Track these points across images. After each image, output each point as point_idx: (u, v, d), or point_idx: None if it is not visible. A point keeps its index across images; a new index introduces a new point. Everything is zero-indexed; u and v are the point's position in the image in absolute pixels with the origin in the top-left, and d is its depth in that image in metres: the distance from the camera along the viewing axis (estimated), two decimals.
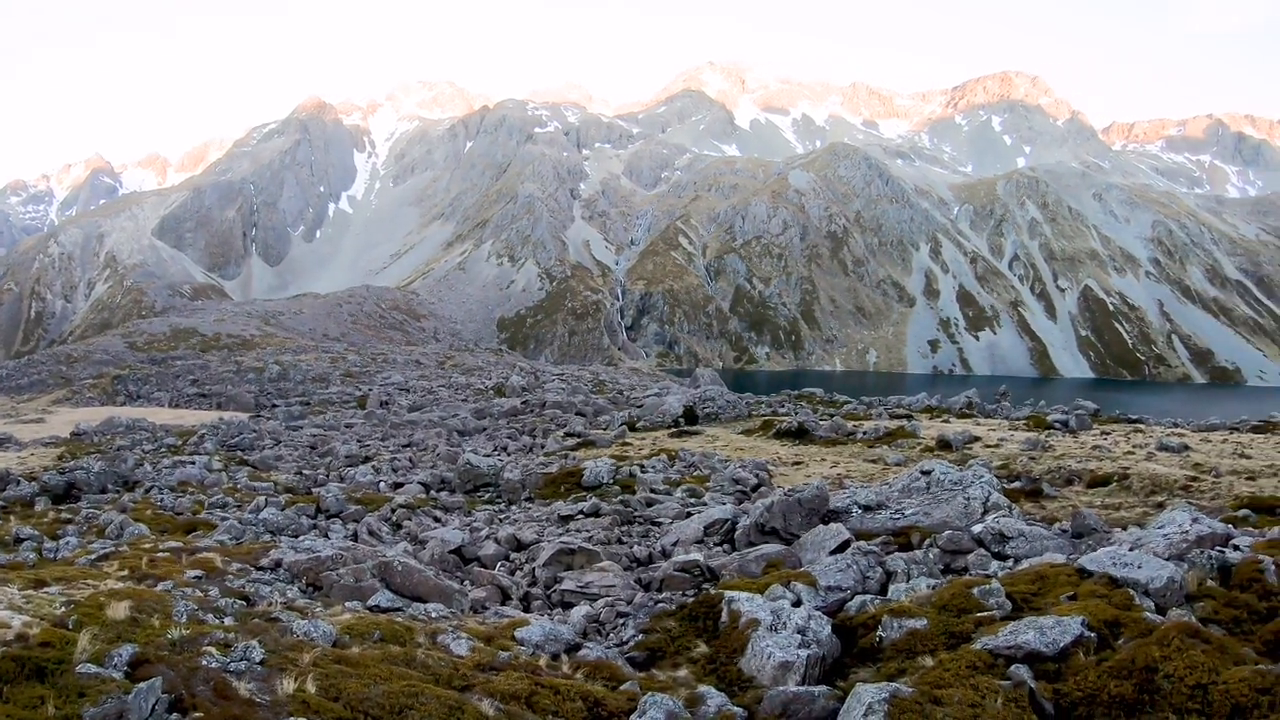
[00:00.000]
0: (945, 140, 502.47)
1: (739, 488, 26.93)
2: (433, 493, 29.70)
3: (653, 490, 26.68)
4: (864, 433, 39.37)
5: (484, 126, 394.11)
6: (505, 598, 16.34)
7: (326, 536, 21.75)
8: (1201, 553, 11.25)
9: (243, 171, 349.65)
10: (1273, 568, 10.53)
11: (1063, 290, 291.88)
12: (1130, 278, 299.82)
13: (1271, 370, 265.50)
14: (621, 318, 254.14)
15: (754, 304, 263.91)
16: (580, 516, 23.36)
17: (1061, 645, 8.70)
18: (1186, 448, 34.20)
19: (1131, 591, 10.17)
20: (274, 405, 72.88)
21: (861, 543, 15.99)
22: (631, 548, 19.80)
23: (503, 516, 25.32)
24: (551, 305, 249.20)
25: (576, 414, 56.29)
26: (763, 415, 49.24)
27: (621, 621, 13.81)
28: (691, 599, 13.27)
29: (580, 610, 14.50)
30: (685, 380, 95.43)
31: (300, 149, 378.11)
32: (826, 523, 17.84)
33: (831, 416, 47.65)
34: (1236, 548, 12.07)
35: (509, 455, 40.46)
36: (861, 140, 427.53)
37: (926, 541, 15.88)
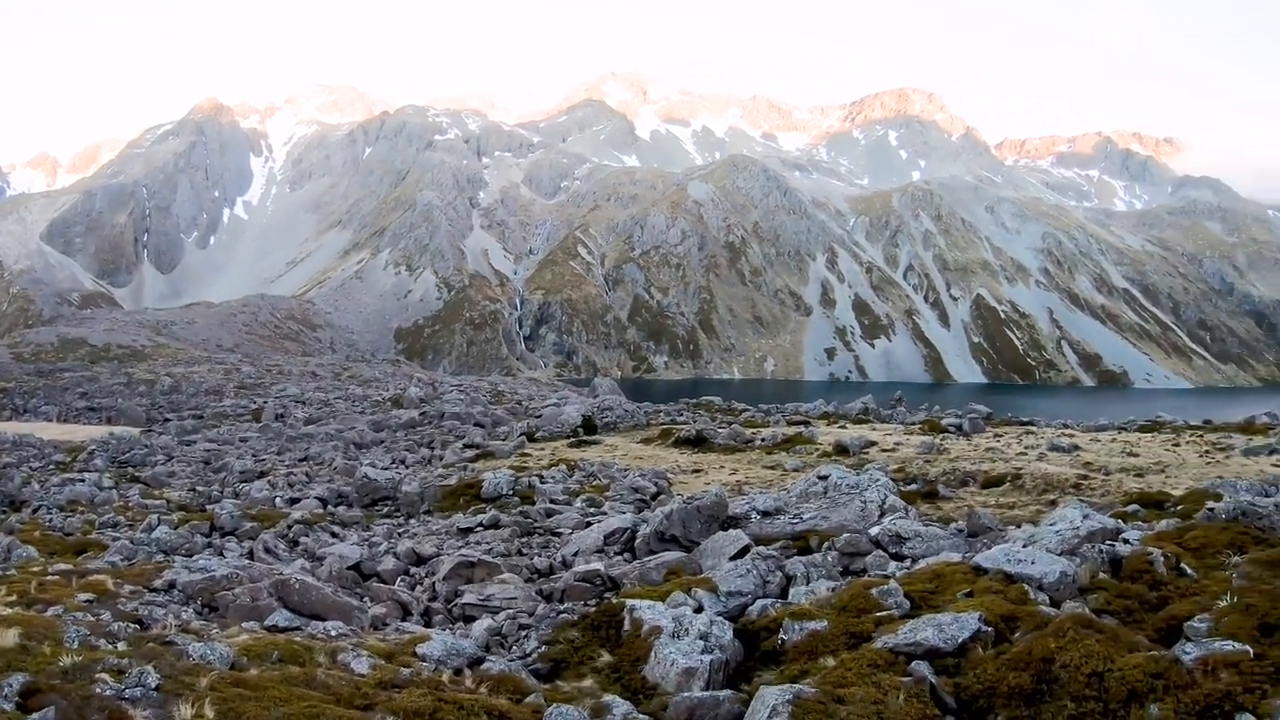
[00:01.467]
0: (843, 154, 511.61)
1: (638, 496, 27.00)
2: (330, 508, 29.17)
3: (552, 501, 26.60)
4: (762, 439, 39.77)
5: (384, 132, 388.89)
6: (406, 613, 16.09)
7: (222, 555, 21.17)
8: (1093, 547, 11.65)
9: (135, 174, 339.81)
10: (1161, 559, 10.95)
11: (956, 299, 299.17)
12: (1021, 286, 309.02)
13: (1157, 373, 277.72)
14: (520, 327, 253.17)
15: (652, 313, 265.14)
16: (480, 529, 23.15)
17: (960, 641, 8.87)
18: (1077, 448, 35.32)
19: (1026, 587, 10.45)
20: (166, 419, 70.91)
21: (761, 548, 16.07)
22: (532, 559, 19.70)
23: (401, 530, 24.96)
24: (449, 315, 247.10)
25: (475, 425, 55.93)
26: (661, 424, 49.46)
27: (524, 634, 13.70)
28: (593, 609, 13.22)
29: (482, 624, 14.34)
30: (584, 390, 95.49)
31: (195, 152, 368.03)
32: (726, 529, 17.90)
33: (730, 424, 47.98)
34: (1126, 541, 12.49)
35: (407, 468, 39.94)
36: (760, 152, 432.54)
37: (825, 545, 16.00)
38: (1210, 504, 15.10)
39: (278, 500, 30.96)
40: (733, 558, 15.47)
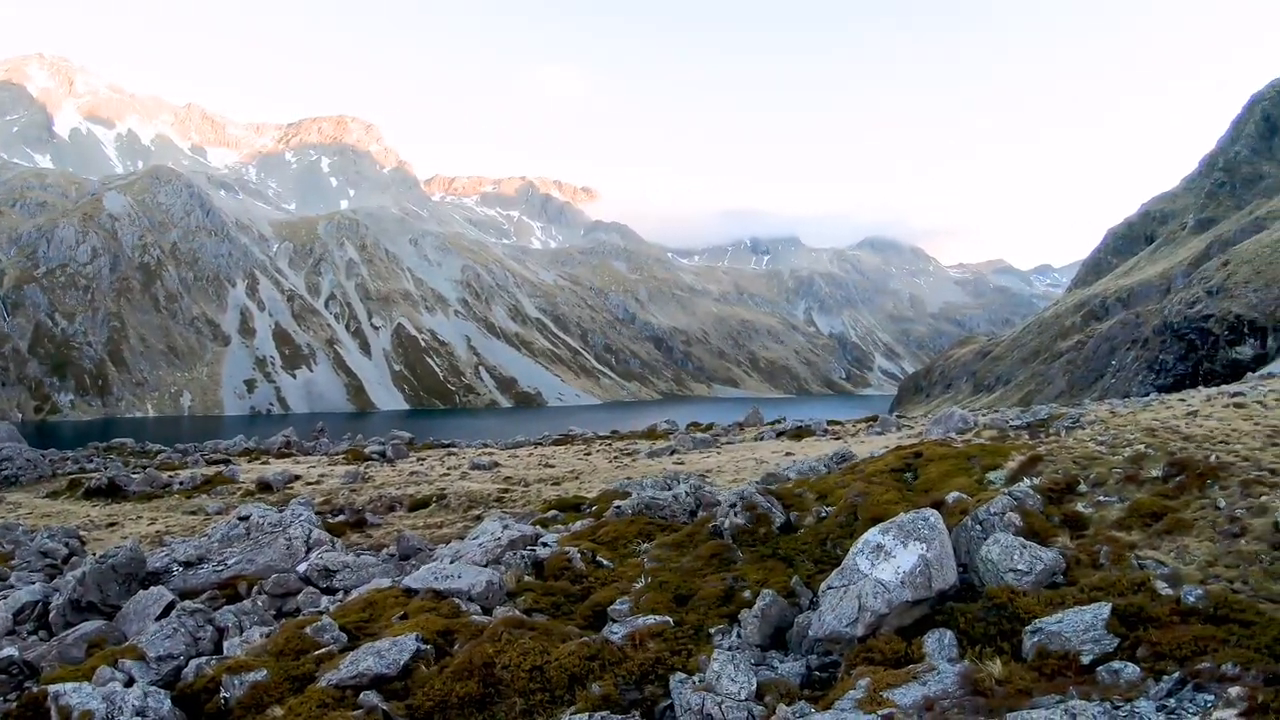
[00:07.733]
0: (273, 175, 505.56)
1: (48, 561, 24.58)
2: None
3: None
4: (181, 483, 38.58)
5: None
6: None
7: None
8: (515, 554, 12.92)
9: None
10: (579, 556, 12.49)
11: (377, 328, 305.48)
12: (441, 316, 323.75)
13: (569, 392, 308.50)
14: None
15: (56, 344, 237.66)
16: None
17: (402, 663, 9.14)
18: (497, 464, 37.81)
19: (457, 600, 11.13)
20: None
21: (187, 602, 15.27)
22: None
23: None
24: None
25: None
26: (69, 473, 46.35)
27: None
28: (15, 703, 11.84)
29: None
30: None
31: None
32: (147, 586, 16.86)
33: (145, 468, 46.30)
34: (546, 544, 13.97)
35: None
36: (187, 166, 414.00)
37: (255, 589, 15.81)
38: (618, 502, 17.20)
39: None
40: (158, 618, 14.61)
